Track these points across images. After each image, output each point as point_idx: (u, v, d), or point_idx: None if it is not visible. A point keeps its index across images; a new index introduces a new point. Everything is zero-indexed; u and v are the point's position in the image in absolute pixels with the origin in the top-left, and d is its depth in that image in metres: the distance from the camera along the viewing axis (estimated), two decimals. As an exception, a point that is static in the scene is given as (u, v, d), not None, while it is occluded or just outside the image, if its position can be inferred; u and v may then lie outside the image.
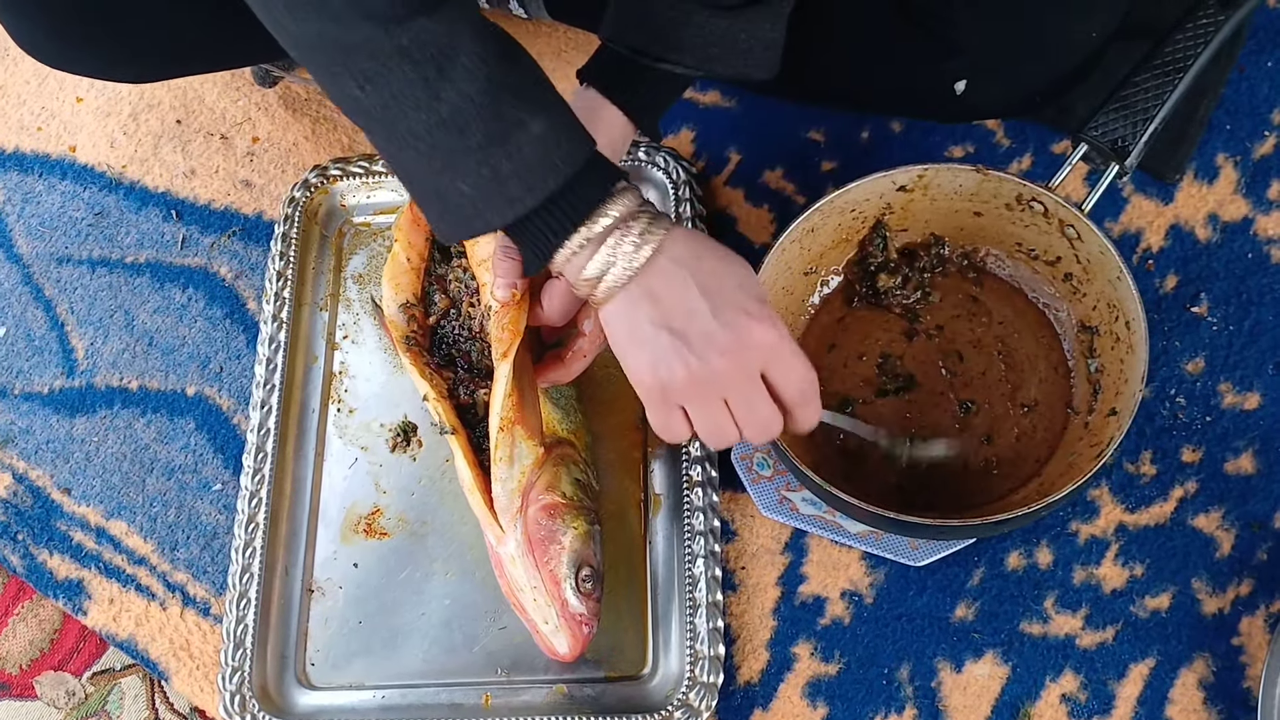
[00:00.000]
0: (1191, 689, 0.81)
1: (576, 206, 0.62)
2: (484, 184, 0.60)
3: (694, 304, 0.63)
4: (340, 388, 0.94)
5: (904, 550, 0.84)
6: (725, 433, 0.67)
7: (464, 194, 0.61)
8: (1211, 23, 0.77)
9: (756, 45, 0.74)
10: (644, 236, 0.62)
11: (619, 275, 0.63)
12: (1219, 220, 0.94)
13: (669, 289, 0.63)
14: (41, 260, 1.06)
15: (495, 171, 0.59)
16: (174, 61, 0.94)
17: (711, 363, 0.63)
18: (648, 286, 0.63)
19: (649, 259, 0.62)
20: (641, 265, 0.62)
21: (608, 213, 0.62)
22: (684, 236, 0.64)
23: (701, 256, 0.64)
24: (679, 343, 0.63)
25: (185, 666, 0.89)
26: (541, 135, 0.60)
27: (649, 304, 0.63)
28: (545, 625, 0.77)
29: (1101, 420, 0.81)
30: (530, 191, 0.60)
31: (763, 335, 0.64)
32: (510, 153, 0.59)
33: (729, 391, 0.65)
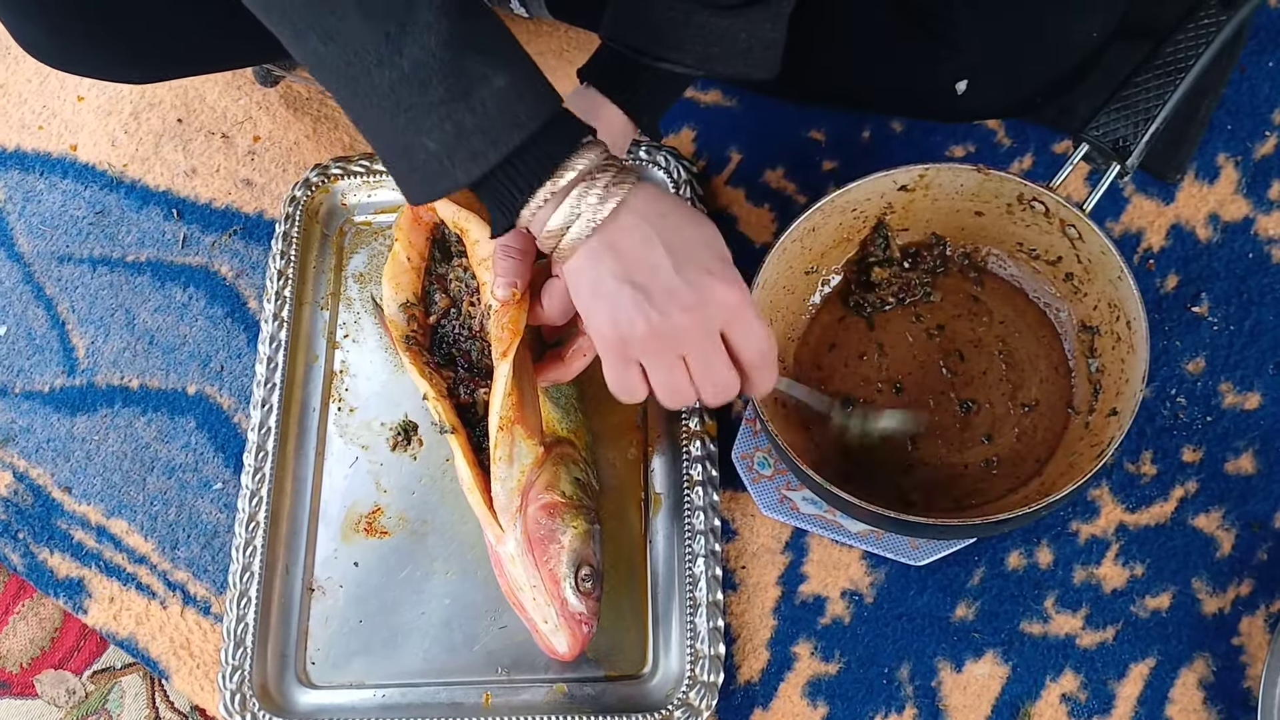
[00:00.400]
0: (1192, 689, 0.81)
1: (541, 161, 0.61)
2: (448, 139, 0.60)
3: (657, 259, 0.63)
4: (341, 386, 0.94)
5: (904, 550, 0.84)
6: (682, 392, 0.67)
7: (429, 150, 0.60)
8: (1213, 23, 0.77)
9: (757, 45, 0.74)
10: (609, 190, 0.62)
11: (582, 228, 0.63)
12: (1220, 220, 0.94)
13: (632, 243, 0.63)
14: (42, 259, 1.06)
15: (459, 126, 0.59)
16: (175, 62, 0.94)
17: (673, 318, 0.63)
18: (611, 240, 0.63)
19: (613, 212, 0.63)
20: (605, 219, 0.63)
21: (573, 166, 0.62)
22: (650, 193, 0.64)
23: (667, 213, 0.64)
24: (640, 297, 0.63)
25: (185, 665, 0.89)
26: (504, 89, 0.59)
27: (612, 257, 0.63)
28: (545, 624, 0.77)
29: (1102, 420, 0.81)
30: (494, 146, 0.60)
31: (726, 294, 0.64)
32: (473, 107, 0.59)
33: (688, 349, 0.65)
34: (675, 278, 0.63)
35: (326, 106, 1.09)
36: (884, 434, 0.83)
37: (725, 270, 0.65)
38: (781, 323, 0.87)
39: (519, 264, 0.75)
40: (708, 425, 0.88)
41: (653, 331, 0.64)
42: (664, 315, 0.63)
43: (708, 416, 0.88)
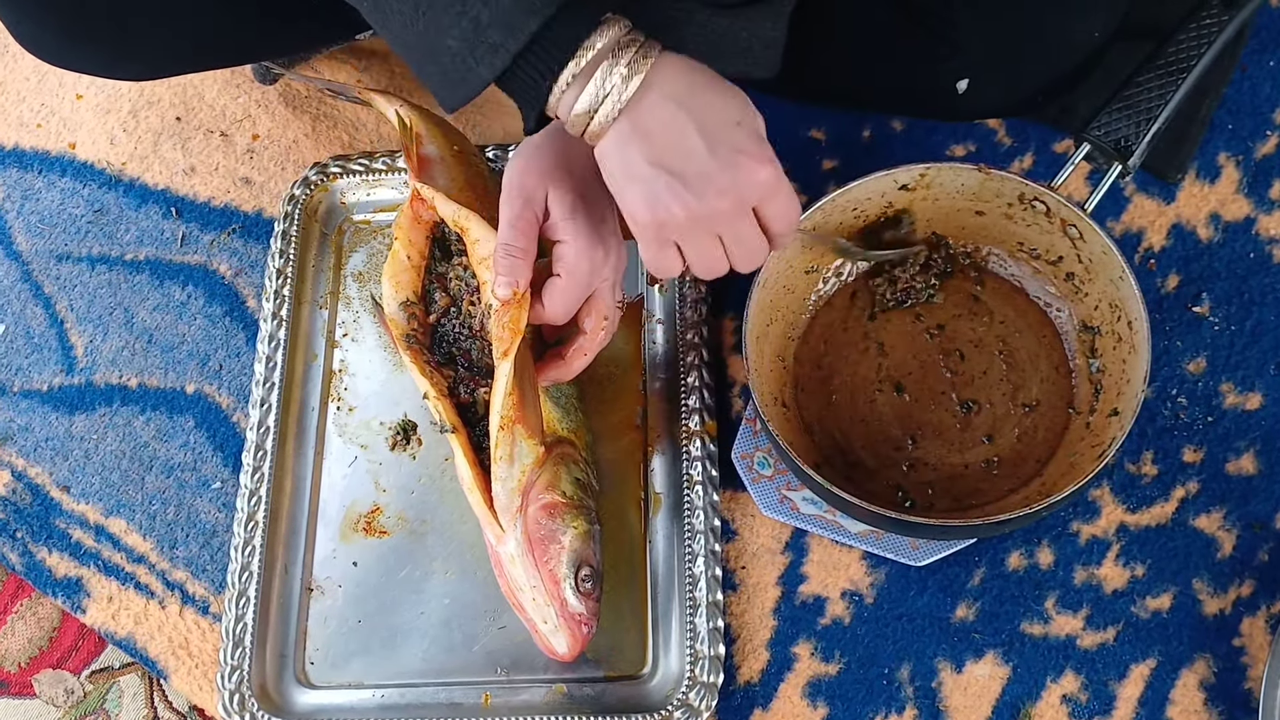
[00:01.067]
0: (1192, 690, 0.81)
1: (560, 44, 0.61)
2: (467, 35, 0.60)
3: (690, 142, 0.63)
4: (340, 386, 0.94)
5: (904, 550, 0.84)
6: (717, 265, 0.68)
7: (452, 50, 0.61)
8: (1215, 23, 0.77)
9: (757, 44, 0.74)
10: (633, 66, 0.61)
11: (610, 109, 0.62)
12: (1221, 220, 0.94)
13: (663, 126, 0.63)
14: (41, 257, 1.06)
15: (475, 21, 0.59)
16: (174, 59, 0.94)
17: (709, 202, 0.64)
18: (641, 123, 0.63)
19: (639, 91, 0.62)
20: (632, 97, 0.62)
21: (594, 44, 0.61)
22: (677, 67, 0.63)
23: (696, 90, 0.63)
24: (676, 182, 0.63)
25: (184, 665, 0.89)
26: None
27: (643, 141, 0.63)
28: (544, 625, 0.77)
29: (1103, 420, 0.81)
30: (512, 35, 0.60)
31: (760, 173, 0.64)
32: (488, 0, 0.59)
33: (723, 228, 0.66)
34: (710, 161, 0.63)
35: (325, 105, 1.08)
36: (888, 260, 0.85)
37: (758, 147, 0.64)
38: (781, 321, 0.87)
39: (520, 263, 0.75)
40: (708, 425, 0.88)
41: (690, 215, 0.64)
42: (701, 199, 0.64)
43: (708, 416, 0.88)
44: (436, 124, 0.93)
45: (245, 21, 0.89)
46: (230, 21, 0.88)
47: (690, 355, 0.90)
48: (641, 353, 0.92)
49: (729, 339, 0.94)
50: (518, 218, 0.74)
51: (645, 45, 0.62)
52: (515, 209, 0.74)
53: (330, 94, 1.08)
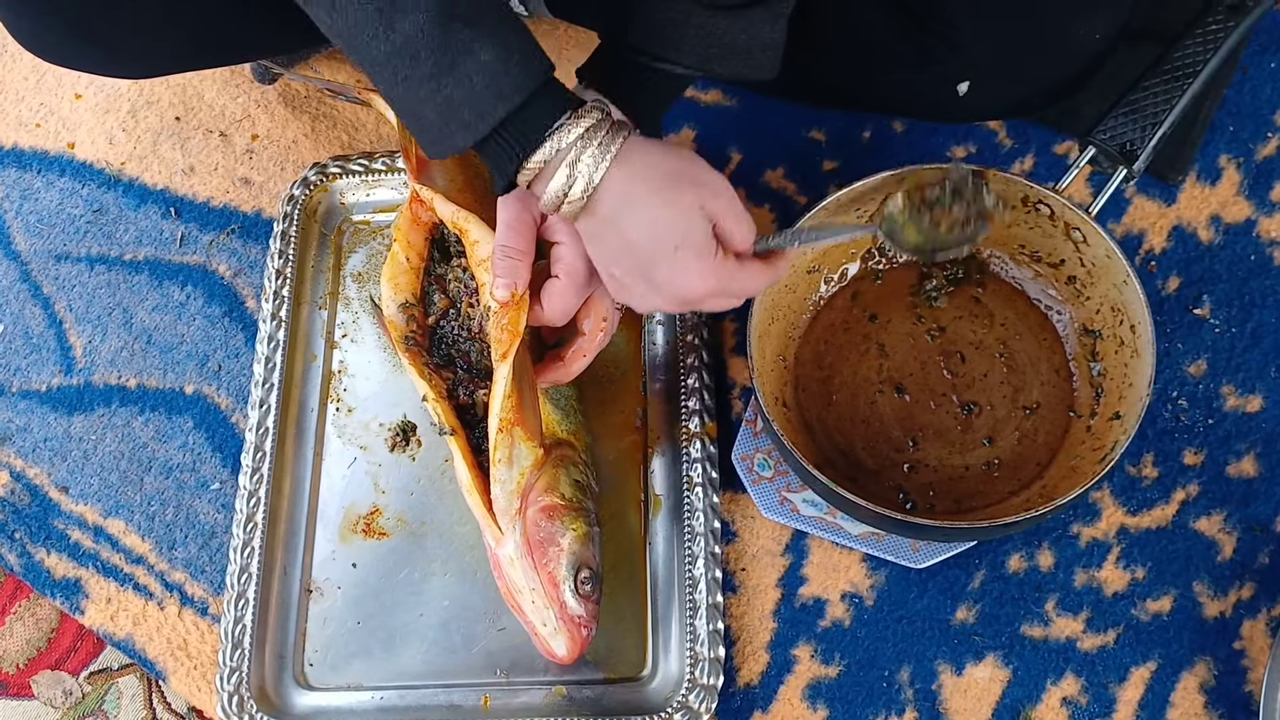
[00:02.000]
0: (1193, 693, 0.81)
1: (526, 134, 0.65)
2: (441, 109, 0.63)
3: (626, 260, 0.69)
4: (339, 387, 0.94)
5: (905, 552, 0.83)
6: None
7: (429, 117, 0.64)
8: (1220, 28, 0.77)
9: (756, 46, 0.73)
10: (590, 170, 0.65)
11: (573, 205, 0.67)
12: (1221, 222, 0.94)
13: (605, 239, 0.69)
14: (39, 257, 1.05)
15: (448, 99, 0.63)
16: (173, 57, 0.94)
17: (656, 305, 0.71)
18: (593, 230, 0.69)
19: (590, 201, 0.66)
20: (586, 202, 0.66)
21: (557, 141, 0.65)
22: (624, 176, 0.66)
23: (636, 201, 0.67)
24: (624, 289, 0.71)
25: (183, 666, 0.89)
26: (490, 63, 0.62)
27: (596, 244, 0.70)
28: (544, 627, 0.77)
29: (1104, 424, 0.80)
30: (481, 118, 0.63)
31: (700, 289, 0.69)
32: (460, 80, 0.62)
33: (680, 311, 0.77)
34: (646, 284, 0.69)
35: (325, 105, 1.08)
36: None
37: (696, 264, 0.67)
38: (783, 321, 0.87)
39: (518, 265, 0.74)
40: (708, 427, 0.88)
41: (645, 308, 0.72)
42: (647, 304, 0.71)
43: (708, 418, 0.88)
44: (436, 124, 0.92)
45: (244, 19, 0.89)
46: (229, 19, 0.88)
47: (690, 356, 0.90)
48: (641, 354, 0.92)
49: (729, 340, 0.94)
50: (515, 219, 0.74)
51: (605, 140, 0.65)
52: (513, 210, 0.74)
53: (329, 94, 1.08)
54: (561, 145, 0.65)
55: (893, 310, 0.89)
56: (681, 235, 0.67)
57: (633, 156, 0.66)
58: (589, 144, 0.65)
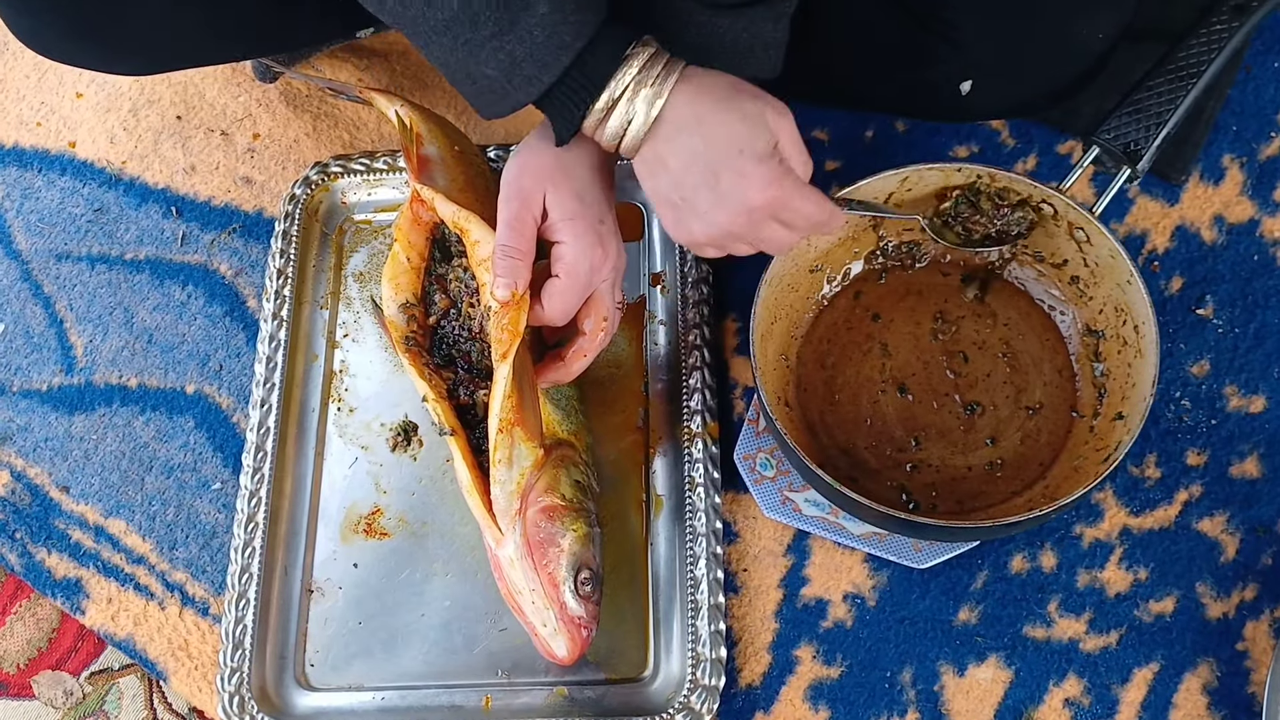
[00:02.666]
0: (1195, 694, 0.81)
1: (591, 78, 0.66)
2: (504, 67, 0.65)
3: (695, 177, 0.68)
4: (340, 386, 0.94)
5: (907, 552, 0.83)
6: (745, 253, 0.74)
7: (490, 77, 0.66)
8: (1225, 28, 0.77)
9: (758, 45, 0.73)
10: (655, 93, 0.66)
11: (634, 137, 0.68)
12: (1225, 222, 0.93)
13: (674, 157, 0.68)
14: (40, 257, 1.05)
15: (510, 56, 0.64)
16: (174, 55, 0.93)
17: (722, 225, 0.70)
18: (658, 153, 0.69)
19: (654, 124, 0.67)
20: (649, 129, 0.67)
21: (623, 76, 0.66)
22: (688, 95, 0.67)
23: (704, 118, 0.67)
24: (689, 210, 0.70)
25: (184, 666, 0.89)
26: (548, 15, 0.63)
27: (660, 169, 0.69)
28: (544, 628, 0.76)
29: (1107, 424, 0.80)
30: (545, 69, 0.65)
31: (760, 197, 0.68)
32: (521, 36, 0.64)
33: (744, 239, 0.72)
34: (713, 193, 0.68)
35: (326, 104, 1.08)
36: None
37: (761, 169, 0.68)
38: (785, 320, 0.87)
39: (519, 264, 0.74)
40: (710, 427, 0.87)
41: (708, 235, 0.71)
42: (712, 224, 0.70)
43: (710, 418, 0.88)
44: (437, 124, 0.92)
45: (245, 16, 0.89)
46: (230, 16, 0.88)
47: (692, 356, 0.90)
48: (643, 354, 0.92)
49: (731, 340, 0.94)
50: (516, 219, 0.74)
51: (666, 69, 0.66)
52: (513, 210, 0.74)
53: (331, 93, 1.07)
54: (626, 81, 0.66)
55: (896, 310, 0.89)
56: (746, 139, 0.67)
57: (694, 76, 0.68)
58: (651, 72, 0.66)
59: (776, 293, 0.84)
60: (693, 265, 0.93)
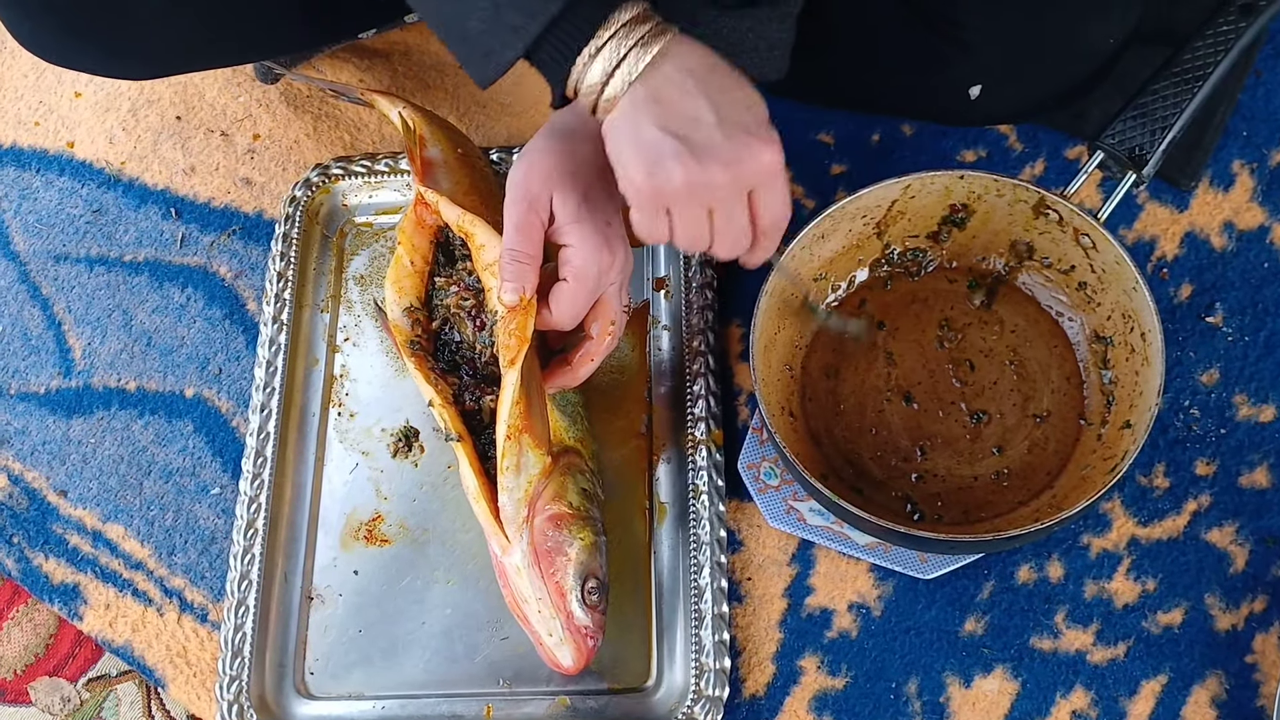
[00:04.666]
0: (1204, 706, 0.80)
1: (580, 27, 0.62)
2: (489, 18, 0.62)
3: (700, 112, 0.63)
4: (341, 391, 0.93)
5: (913, 563, 0.82)
6: (700, 241, 0.68)
7: (476, 31, 0.63)
8: (1232, 30, 0.76)
9: (763, 45, 0.73)
10: (649, 40, 0.62)
11: (624, 76, 0.62)
12: (1235, 228, 0.92)
13: (675, 93, 0.63)
14: (38, 258, 1.04)
15: (495, 5, 0.61)
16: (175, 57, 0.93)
17: (710, 172, 0.64)
18: (654, 89, 0.63)
19: (654, 61, 0.62)
20: (646, 67, 0.62)
21: (613, 23, 0.62)
22: (693, 46, 0.64)
23: (712, 68, 0.64)
24: (681, 147, 0.63)
25: (182, 674, 0.88)
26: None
27: (654, 106, 0.63)
28: (549, 637, 0.76)
29: (1115, 433, 0.79)
30: (531, 18, 0.61)
31: (764, 154, 0.64)
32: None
33: (717, 203, 0.66)
34: (717, 132, 0.63)
35: (327, 105, 1.07)
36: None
37: (767, 132, 0.65)
38: (789, 329, 0.86)
39: (526, 269, 0.73)
40: (714, 434, 0.87)
41: (687, 182, 0.64)
42: (702, 168, 0.64)
43: (714, 425, 0.87)
44: (440, 126, 0.91)
45: (246, 19, 0.88)
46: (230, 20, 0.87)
47: (696, 362, 0.89)
48: (647, 360, 0.91)
49: (735, 346, 0.93)
50: (523, 222, 0.73)
51: (662, 24, 0.63)
52: (520, 213, 0.73)
53: (332, 94, 1.07)
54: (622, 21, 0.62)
55: (901, 318, 0.88)
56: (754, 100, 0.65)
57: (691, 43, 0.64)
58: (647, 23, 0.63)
59: (779, 303, 0.83)
60: (697, 270, 0.92)
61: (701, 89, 0.63)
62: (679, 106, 0.63)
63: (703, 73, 0.63)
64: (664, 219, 0.67)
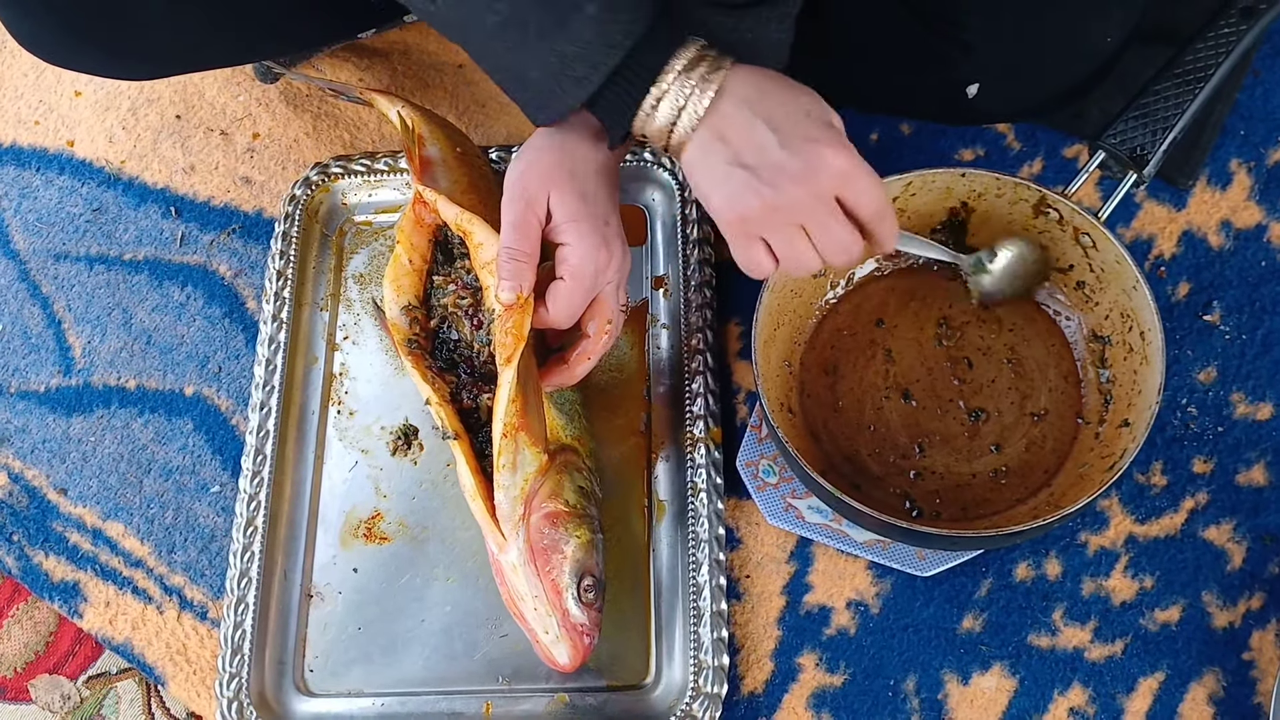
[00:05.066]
0: (1201, 704, 0.80)
1: (640, 75, 0.65)
2: (553, 68, 0.65)
3: (761, 138, 0.65)
4: (340, 389, 0.93)
5: (911, 560, 0.83)
6: (805, 259, 0.68)
7: (538, 80, 0.66)
8: (1233, 31, 0.76)
9: (762, 44, 0.72)
10: (706, 81, 0.65)
11: (688, 122, 0.65)
12: (1232, 227, 0.93)
13: (736, 128, 0.65)
14: (38, 257, 1.05)
15: (560, 56, 0.64)
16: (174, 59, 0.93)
17: (785, 190, 0.65)
18: (717, 129, 0.66)
19: (713, 102, 0.65)
20: (707, 109, 0.65)
21: (672, 69, 0.65)
22: (746, 75, 0.66)
23: (766, 91, 0.66)
24: (751, 176, 0.65)
25: (182, 671, 0.88)
26: (596, 15, 0.63)
27: (720, 145, 0.66)
28: (546, 635, 0.76)
29: (1113, 431, 0.80)
30: (595, 69, 0.64)
31: (833, 159, 0.65)
32: (571, 37, 0.63)
33: (805, 217, 0.67)
34: (781, 152, 0.65)
35: (326, 104, 1.07)
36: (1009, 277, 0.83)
37: (830, 134, 0.66)
38: (788, 326, 0.86)
39: (524, 267, 0.74)
40: (712, 432, 0.87)
41: (767, 206, 0.66)
42: (776, 189, 0.65)
43: (713, 423, 0.87)
44: (439, 125, 0.91)
45: (245, 20, 0.88)
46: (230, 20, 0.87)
47: (695, 361, 0.89)
48: (646, 358, 0.91)
49: (734, 344, 0.93)
50: (520, 221, 0.73)
51: (717, 58, 0.66)
52: (517, 212, 0.73)
53: (331, 93, 1.07)
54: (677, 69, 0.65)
55: (900, 315, 0.88)
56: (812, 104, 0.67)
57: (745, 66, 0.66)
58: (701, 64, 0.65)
59: (779, 298, 0.83)
60: (696, 269, 0.93)
61: (759, 114, 0.65)
62: (742, 139, 0.65)
63: (758, 98, 0.65)
64: (760, 247, 0.68)
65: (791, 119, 0.65)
